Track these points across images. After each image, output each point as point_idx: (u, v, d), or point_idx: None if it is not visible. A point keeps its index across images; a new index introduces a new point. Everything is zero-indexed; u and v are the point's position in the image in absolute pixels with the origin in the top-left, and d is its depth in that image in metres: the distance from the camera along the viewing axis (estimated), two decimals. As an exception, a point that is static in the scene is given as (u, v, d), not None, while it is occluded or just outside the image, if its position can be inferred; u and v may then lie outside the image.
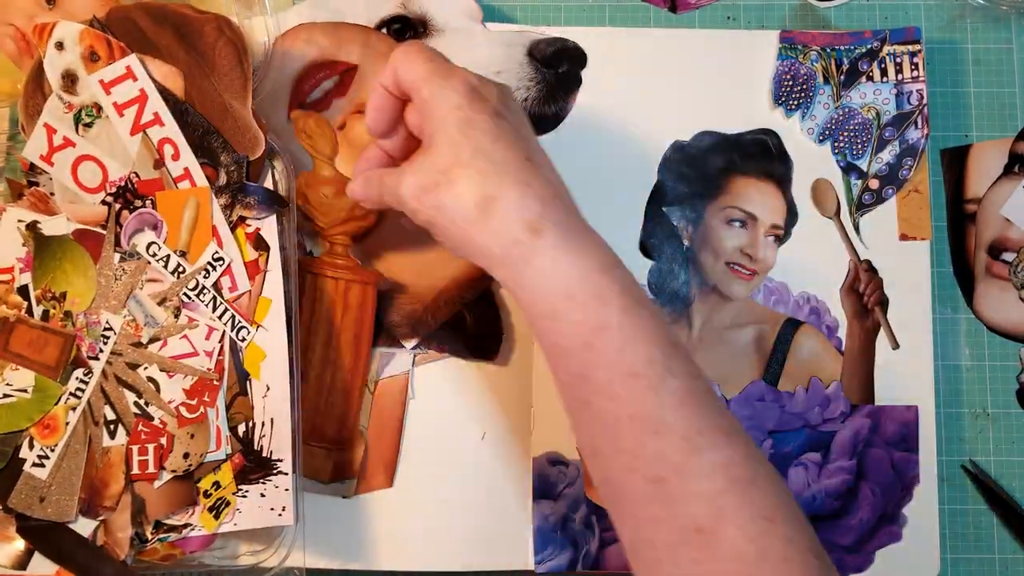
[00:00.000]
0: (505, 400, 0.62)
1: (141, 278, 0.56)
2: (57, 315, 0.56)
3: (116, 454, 0.55)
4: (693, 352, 0.62)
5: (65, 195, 0.57)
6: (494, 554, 0.60)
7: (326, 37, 0.61)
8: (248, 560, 0.57)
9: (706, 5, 0.66)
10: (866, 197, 0.63)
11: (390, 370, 0.62)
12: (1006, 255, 0.63)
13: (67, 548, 0.54)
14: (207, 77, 0.56)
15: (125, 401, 0.55)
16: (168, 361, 0.56)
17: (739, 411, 0.61)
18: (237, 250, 0.57)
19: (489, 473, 0.61)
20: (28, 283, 0.57)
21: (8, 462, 0.55)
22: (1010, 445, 0.62)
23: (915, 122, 0.63)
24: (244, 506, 0.55)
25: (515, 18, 0.66)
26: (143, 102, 0.56)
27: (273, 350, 0.56)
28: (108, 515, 0.54)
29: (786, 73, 0.64)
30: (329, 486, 0.60)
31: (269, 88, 0.61)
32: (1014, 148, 0.64)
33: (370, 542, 0.60)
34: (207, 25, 0.56)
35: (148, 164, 0.57)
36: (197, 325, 0.56)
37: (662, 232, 0.63)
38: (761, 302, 0.62)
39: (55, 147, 0.57)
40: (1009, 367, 0.63)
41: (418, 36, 0.63)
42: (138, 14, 0.57)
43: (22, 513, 0.55)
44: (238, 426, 0.56)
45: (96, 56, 0.56)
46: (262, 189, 0.57)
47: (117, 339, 0.56)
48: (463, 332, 0.61)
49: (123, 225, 0.57)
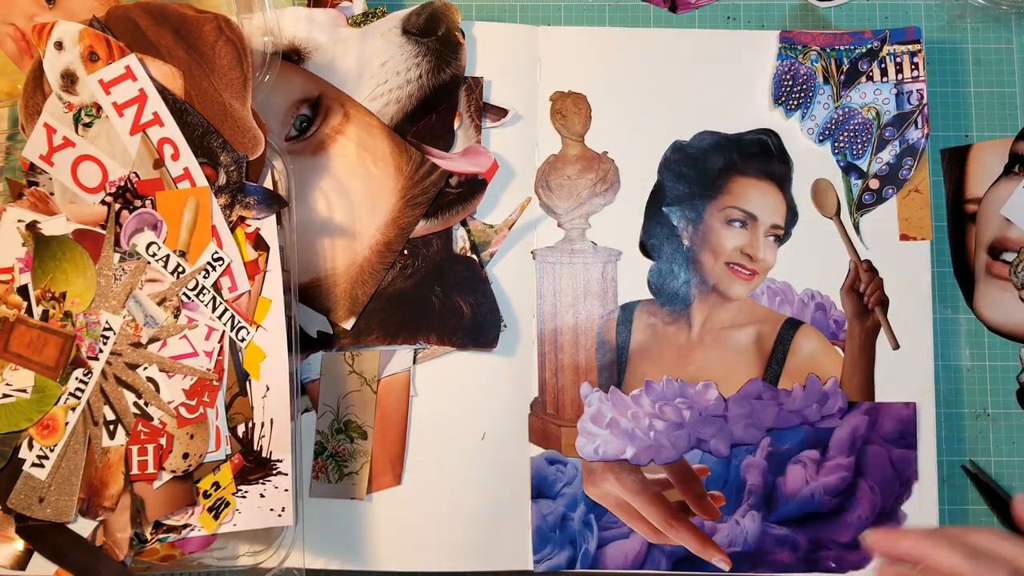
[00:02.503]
0: (507, 395, 0.62)
1: (141, 278, 0.56)
2: (57, 315, 0.56)
3: (115, 454, 0.55)
4: (693, 352, 0.62)
5: (65, 195, 0.57)
6: (493, 554, 0.60)
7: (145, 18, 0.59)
8: (248, 561, 0.57)
9: (706, 5, 0.66)
10: (866, 197, 0.63)
11: (391, 368, 0.62)
12: (1006, 255, 0.63)
13: (66, 548, 0.55)
14: (207, 77, 0.56)
15: (125, 401, 0.55)
16: (168, 361, 0.56)
17: (737, 409, 0.61)
18: (237, 250, 0.56)
19: (488, 473, 0.61)
20: (28, 283, 0.57)
21: (7, 462, 0.55)
22: (1010, 445, 0.62)
23: (915, 122, 0.63)
24: (244, 507, 0.55)
25: (515, 18, 0.66)
26: (143, 102, 0.56)
27: (273, 350, 0.56)
28: (107, 515, 0.54)
29: (786, 73, 0.64)
30: (337, 487, 0.60)
31: (270, 88, 0.61)
32: (1014, 148, 0.64)
33: (369, 542, 0.60)
34: (206, 25, 0.56)
35: (148, 164, 0.57)
36: (196, 325, 0.56)
37: (662, 232, 0.63)
38: (765, 303, 0.62)
39: (55, 147, 0.57)
40: (1009, 367, 0.63)
41: (295, 62, 0.63)
42: (137, 14, 0.57)
43: (21, 513, 0.55)
44: (237, 427, 0.56)
45: (96, 56, 0.56)
46: (262, 189, 0.57)
47: (117, 339, 0.56)
48: (461, 322, 0.61)
49: (123, 225, 0.57)
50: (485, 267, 0.62)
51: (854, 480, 0.61)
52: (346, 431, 0.61)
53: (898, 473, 0.61)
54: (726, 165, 0.63)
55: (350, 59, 0.63)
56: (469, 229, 0.63)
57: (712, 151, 0.63)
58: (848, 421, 0.61)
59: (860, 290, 0.62)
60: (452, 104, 0.63)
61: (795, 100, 0.63)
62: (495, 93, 0.64)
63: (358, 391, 0.61)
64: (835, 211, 0.63)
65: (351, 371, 0.61)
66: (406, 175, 0.61)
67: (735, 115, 0.64)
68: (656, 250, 0.63)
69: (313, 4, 0.64)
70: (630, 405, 0.61)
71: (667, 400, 0.61)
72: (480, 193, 0.62)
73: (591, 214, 0.63)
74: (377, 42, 0.63)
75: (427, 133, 0.63)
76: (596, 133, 0.64)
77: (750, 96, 0.64)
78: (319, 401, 0.61)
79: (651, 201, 0.63)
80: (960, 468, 0.62)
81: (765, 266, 0.63)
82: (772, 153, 0.63)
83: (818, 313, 0.62)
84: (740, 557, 0.60)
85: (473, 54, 0.64)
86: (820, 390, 0.61)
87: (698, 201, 0.63)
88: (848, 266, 0.63)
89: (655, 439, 0.60)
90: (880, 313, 0.62)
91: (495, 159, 0.62)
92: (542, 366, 0.62)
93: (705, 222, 0.63)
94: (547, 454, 0.61)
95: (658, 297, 0.62)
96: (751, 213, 0.63)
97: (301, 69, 0.63)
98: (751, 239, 0.63)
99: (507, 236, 0.63)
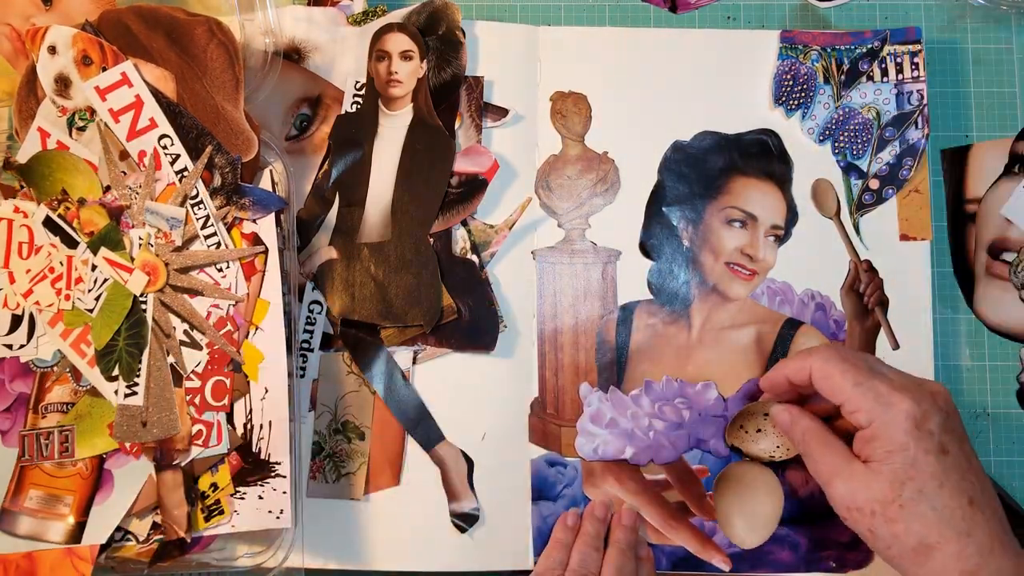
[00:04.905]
0: (507, 395, 0.61)
1: (152, 187, 0.56)
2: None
3: (177, 396, 0.55)
4: (693, 352, 0.62)
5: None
6: (493, 554, 0.60)
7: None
8: (247, 562, 0.57)
9: (706, 5, 0.66)
10: (866, 197, 0.63)
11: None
12: (1006, 255, 0.63)
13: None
14: (199, 80, 0.56)
15: (189, 305, 0.56)
16: (215, 253, 0.56)
17: (736, 409, 0.61)
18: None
19: (488, 473, 0.61)
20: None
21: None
22: (1010, 445, 0.63)
23: (915, 122, 0.63)
24: (242, 508, 0.55)
25: (515, 18, 0.66)
26: (139, 108, 0.55)
27: (271, 352, 0.56)
28: (183, 459, 0.55)
29: (786, 73, 0.63)
30: (335, 488, 0.60)
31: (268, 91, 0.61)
32: (1014, 148, 0.64)
33: (369, 542, 0.60)
34: (198, 28, 0.56)
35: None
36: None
37: (662, 232, 0.63)
38: (765, 303, 0.62)
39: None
40: (1009, 367, 0.63)
41: (295, 61, 0.63)
42: (130, 17, 0.56)
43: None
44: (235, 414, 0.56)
45: (89, 60, 0.56)
46: (258, 190, 0.57)
47: (156, 249, 0.56)
48: (458, 324, 0.61)
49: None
50: (485, 267, 0.62)
51: (854, 480, 0.61)
52: (344, 431, 0.61)
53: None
54: (726, 165, 0.63)
55: (350, 58, 0.63)
56: (469, 229, 0.62)
57: (712, 151, 0.63)
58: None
59: (860, 290, 0.62)
60: (452, 103, 0.62)
61: (795, 100, 0.63)
62: (495, 93, 0.63)
63: (356, 391, 0.61)
64: (835, 211, 0.63)
65: (349, 371, 0.61)
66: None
67: (735, 115, 0.64)
68: (656, 250, 0.63)
69: (313, 3, 0.64)
70: (629, 405, 0.61)
71: (667, 400, 0.61)
72: (480, 193, 0.62)
73: (591, 214, 0.63)
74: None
75: (426, 134, 0.62)
76: (596, 133, 0.63)
77: (750, 96, 0.64)
78: (317, 401, 0.61)
79: (651, 201, 0.63)
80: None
81: (765, 266, 0.63)
82: (772, 153, 0.63)
83: (818, 313, 0.62)
84: (740, 557, 0.60)
85: (474, 54, 0.63)
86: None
87: (698, 201, 0.63)
88: (848, 266, 0.63)
89: (654, 439, 0.60)
90: (880, 313, 0.62)
91: (495, 159, 0.62)
92: (542, 366, 0.62)
93: (705, 222, 0.63)
94: (547, 456, 0.61)
95: (658, 297, 0.62)
96: (751, 213, 0.63)
97: (301, 68, 0.63)
98: (751, 239, 0.63)
99: (507, 236, 0.62)
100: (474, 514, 0.60)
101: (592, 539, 0.56)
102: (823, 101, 0.63)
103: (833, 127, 0.63)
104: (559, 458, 0.61)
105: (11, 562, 0.55)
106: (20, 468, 0.56)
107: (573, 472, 0.61)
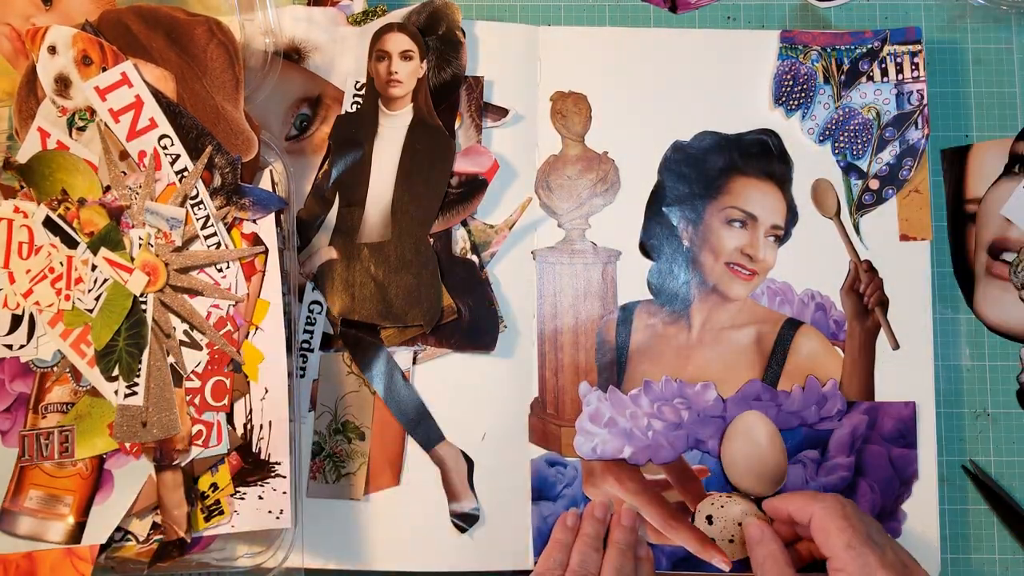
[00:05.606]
0: (507, 395, 0.61)
1: (152, 187, 0.56)
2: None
3: (177, 396, 0.55)
4: (693, 352, 0.62)
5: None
6: (493, 554, 0.60)
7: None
8: (247, 562, 0.57)
9: (706, 5, 0.66)
10: (866, 197, 0.63)
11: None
12: (1006, 255, 0.63)
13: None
14: (199, 80, 0.56)
15: (189, 305, 0.56)
16: (215, 253, 0.56)
17: (736, 410, 0.61)
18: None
19: (488, 473, 0.61)
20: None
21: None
22: (1010, 445, 0.63)
23: (915, 122, 0.63)
24: (242, 508, 0.55)
25: (515, 18, 0.66)
26: (139, 108, 0.55)
27: (271, 352, 0.56)
28: (183, 459, 0.55)
29: (786, 73, 0.63)
30: (335, 488, 0.60)
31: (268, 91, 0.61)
32: (1014, 148, 0.64)
33: (369, 542, 0.60)
34: (198, 28, 0.56)
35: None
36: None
37: (662, 232, 0.63)
38: (765, 303, 0.62)
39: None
40: (1009, 367, 0.63)
41: (295, 61, 0.63)
42: (130, 17, 0.56)
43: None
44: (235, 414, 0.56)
45: (89, 60, 0.56)
46: (257, 190, 0.57)
47: (156, 250, 0.56)
48: (458, 324, 0.61)
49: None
50: (485, 267, 0.62)
51: (854, 480, 0.61)
52: (344, 432, 0.61)
53: (898, 473, 0.61)
54: (726, 165, 0.63)
55: (350, 58, 0.63)
56: (470, 229, 0.62)
57: (712, 151, 0.63)
58: (848, 421, 0.61)
59: (860, 290, 0.62)
60: (452, 103, 0.62)
61: (795, 100, 0.63)
62: (495, 93, 0.63)
63: (356, 392, 0.61)
64: (835, 211, 0.63)
65: (349, 371, 0.61)
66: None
67: (735, 115, 0.64)
68: (656, 250, 0.63)
69: (313, 3, 0.64)
70: (628, 405, 0.61)
71: (665, 400, 0.61)
72: (480, 193, 0.62)
73: (591, 214, 0.63)
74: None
75: (426, 134, 0.62)
76: (596, 133, 0.63)
77: (750, 96, 0.64)
78: (317, 401, 0.61)
79: (651, 201, 0.63)
80: (960, 468, 0.62)
81: (765, 266, 0.63)
82: (772, 153, 0.63)
83: (818, 313, 0.62)
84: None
85: (474, 54, 0.63)
86: (819, 392, 0.61)
87: (698, 201, 0.63)
88: (848, 266, 0.63)
89: (653, 439, 0.60)
90: (880, 313, 0.62)
91: (495, 159, 0.62)
92: (542, 366, 0.62)
93: (705, 222, 0.63)
94: (547, 456, 0.61)
95: (658, 297, 0.62)
96: (751, 213, 0.63)
97: (301, 68, 0.63)
98: (751, 239, 0.63)
99: (507, 236, 0.62)
100: (474, 514, 0.60)
101: (592, 539, 0.56)
102: (823, 101, 0.63)
103: (833, 127, 0.63)
104: (559, 458, 0.61)
105: (11, 562, 0.54)
106: (20, 468, 0.56)
107: (573, 472, 0.61)
